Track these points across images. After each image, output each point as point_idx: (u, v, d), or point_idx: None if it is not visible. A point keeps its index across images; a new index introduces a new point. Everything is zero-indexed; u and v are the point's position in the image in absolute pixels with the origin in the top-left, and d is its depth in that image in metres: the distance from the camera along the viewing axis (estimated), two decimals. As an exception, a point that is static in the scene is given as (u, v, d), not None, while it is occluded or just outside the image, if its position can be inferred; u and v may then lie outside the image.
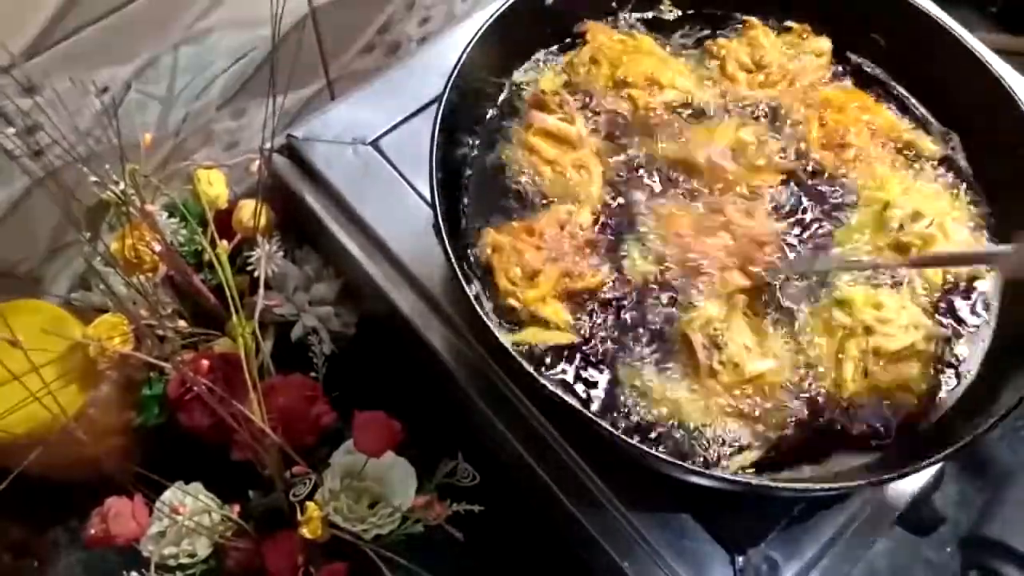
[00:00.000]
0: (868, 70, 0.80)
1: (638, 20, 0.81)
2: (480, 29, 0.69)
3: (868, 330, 0.64)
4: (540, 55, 0.79)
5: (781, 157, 0.73)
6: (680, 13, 0.82)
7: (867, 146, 0.74)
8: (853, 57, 0.81)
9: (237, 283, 0.67)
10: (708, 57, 0.80)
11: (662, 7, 0.82)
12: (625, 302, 0.66)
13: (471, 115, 0.74)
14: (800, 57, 0.80)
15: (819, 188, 0.73)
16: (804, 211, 0.71)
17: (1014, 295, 0.68)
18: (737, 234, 0.68)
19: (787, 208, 0.71)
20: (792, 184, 0.72)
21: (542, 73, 0.78)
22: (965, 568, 0.77)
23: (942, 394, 0.65)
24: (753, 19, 0.81)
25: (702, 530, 0.65)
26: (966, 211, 0.72)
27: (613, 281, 0.67)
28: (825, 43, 0.80)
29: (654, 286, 0.67)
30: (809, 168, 0.73)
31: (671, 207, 0.70)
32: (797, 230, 0.70)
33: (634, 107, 0.75)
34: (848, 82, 0.79)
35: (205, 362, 0.66)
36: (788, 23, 0.82)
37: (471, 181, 0.72)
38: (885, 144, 0.75)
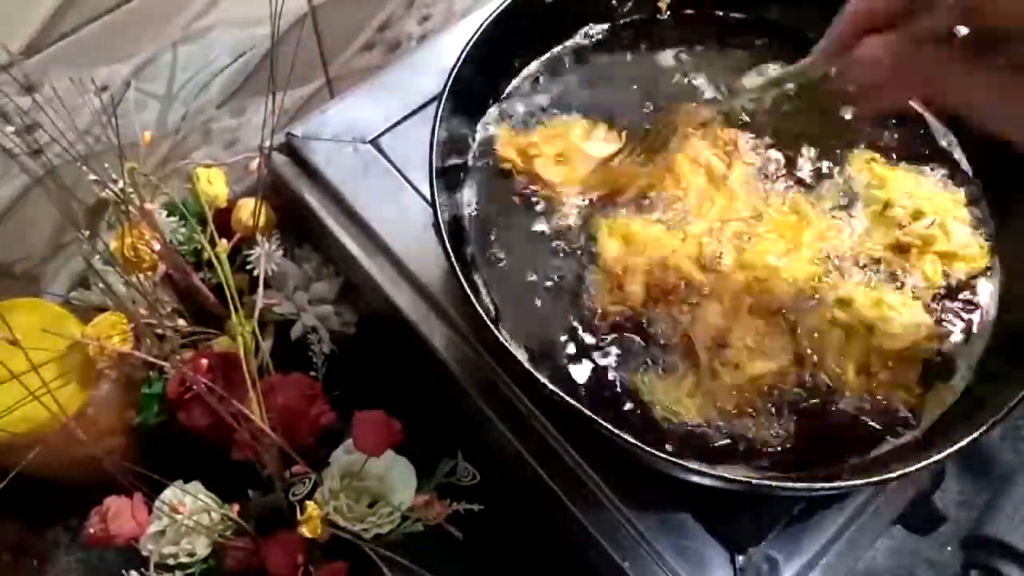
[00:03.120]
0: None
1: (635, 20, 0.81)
2: (480, 27, 0.68)
3: (869, 329, 0.64)
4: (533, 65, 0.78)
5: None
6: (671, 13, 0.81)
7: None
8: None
9: (236, 282, 0.67)
10: None
11: (659, 5, 0.82)
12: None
13: (472, 114, 0.73)
14: None
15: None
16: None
17: (1014, 293, 0.68)
18: None
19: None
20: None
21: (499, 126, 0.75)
22: (966, 568, 0.77)
23: (943, 393, 0.64)
24: None
25: (702, 530, 0.65)
26: (967, 210, 0.72)
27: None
28: None
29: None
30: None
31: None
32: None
33: None
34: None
35: (204, 361, 0.66)
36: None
37: (472, 180, 0.72)
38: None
